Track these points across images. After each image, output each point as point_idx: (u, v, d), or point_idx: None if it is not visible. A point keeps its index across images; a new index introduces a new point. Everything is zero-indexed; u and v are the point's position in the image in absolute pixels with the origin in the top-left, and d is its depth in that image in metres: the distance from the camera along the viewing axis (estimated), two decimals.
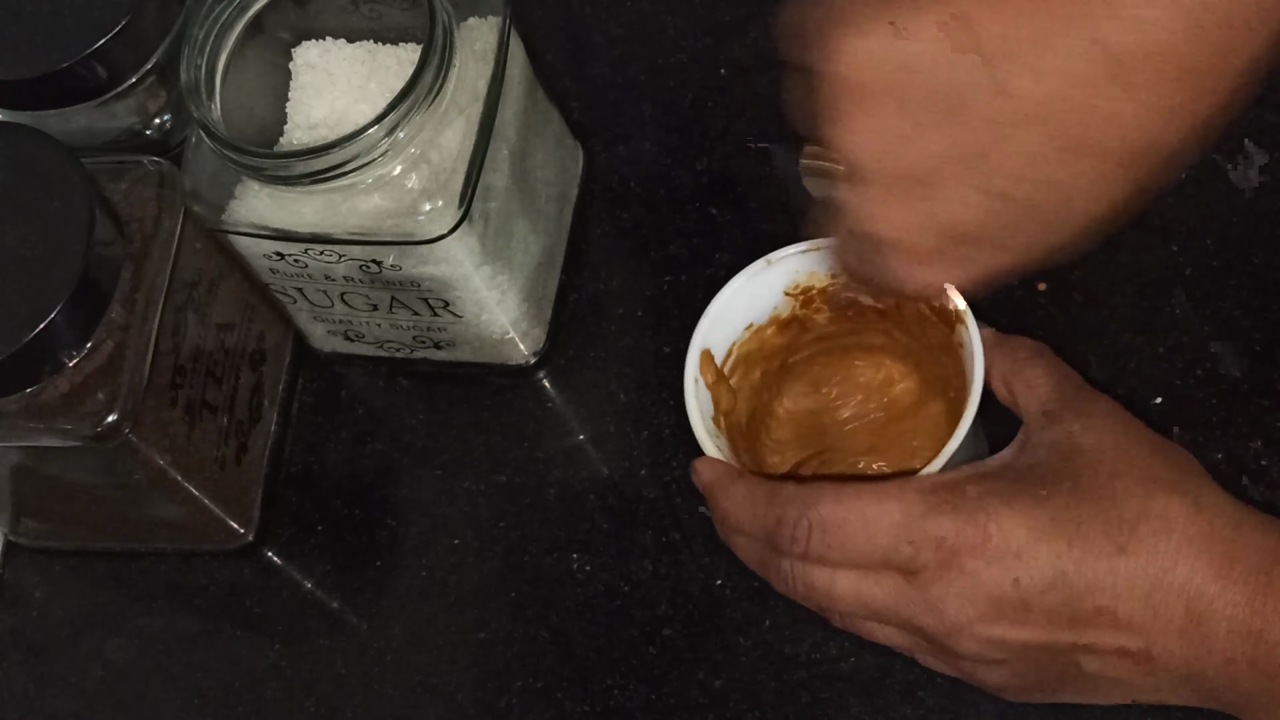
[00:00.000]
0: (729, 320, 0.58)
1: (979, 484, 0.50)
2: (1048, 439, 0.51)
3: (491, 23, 0.63)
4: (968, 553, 0.49)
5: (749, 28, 0.75)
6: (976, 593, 0.49)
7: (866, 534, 0.50)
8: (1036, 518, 0.49)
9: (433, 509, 0.69)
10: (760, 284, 0.58)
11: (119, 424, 0.61)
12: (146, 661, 0.69)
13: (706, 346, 0.57)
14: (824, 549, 0.51)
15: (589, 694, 0.64)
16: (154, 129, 0.68)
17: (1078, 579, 0.48)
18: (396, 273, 0.63)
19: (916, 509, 0.49)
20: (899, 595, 0.50)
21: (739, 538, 0.55)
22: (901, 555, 0.49)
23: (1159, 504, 0.49)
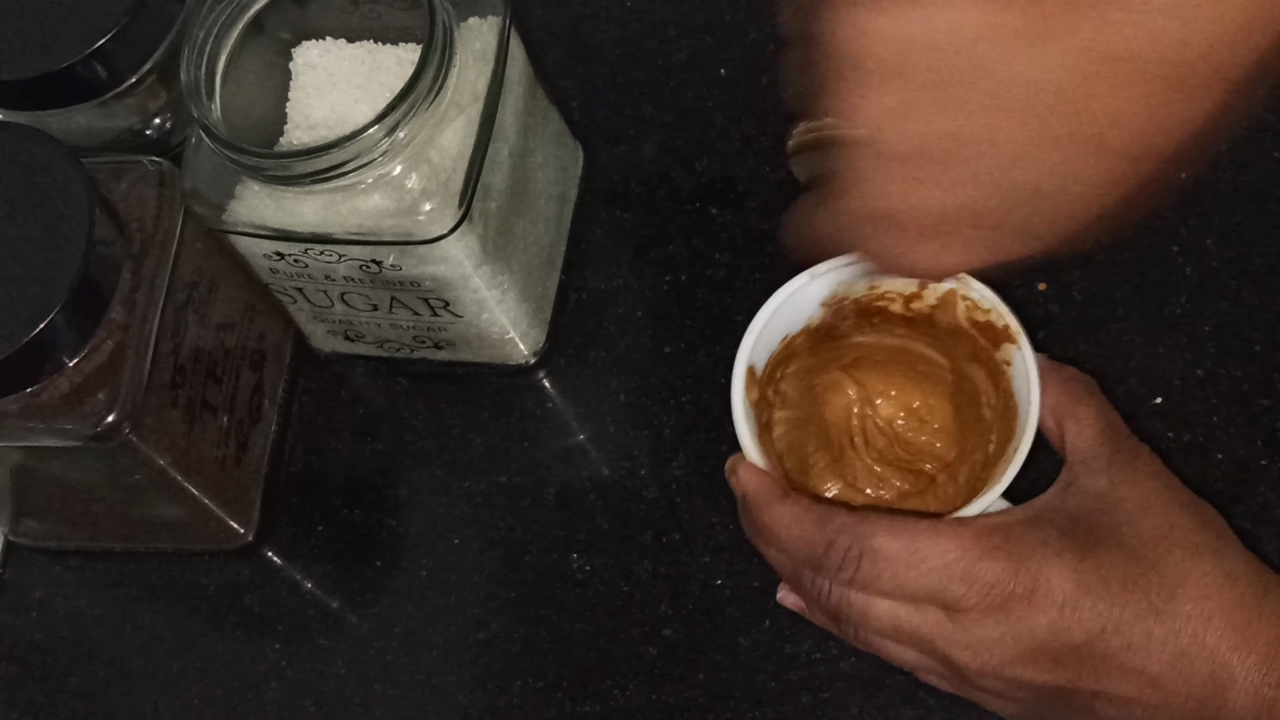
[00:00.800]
0: (770, 336, 0.57)
1: (1033, 530, 0.51)
2: (1093, 487, 0.52)
3: (491, 23, 0.63)
4: (1016, 600, 0.50)
5: (749, 28, 0.75)
6: (1017, 639, 0.50)
7: (919, 570, 0.51)
8: (1084, 573, 0.50)
9: (433, 509, 0.69)
10: (801, 297, 0.57)
11: (119, 424, 0.61)
12: (146, 661, 0.69)
13: (751, 364, 0.57)
14: (873, 579, 0.51)
15: (589, 694, 0.64)
16: (154, 129, 0.68)
17: (1115, 637, 0.50)
18: (396, 273, 0.63)
19: (972, 551, 0.50)
20: (938, 629, 0.51)
21: (770, 549, 0.55)
22: (950, 594, 0.50)
23: (1197, 569, 0.51)
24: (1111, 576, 0.50)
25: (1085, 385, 0.55)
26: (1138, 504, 0.52)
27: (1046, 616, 0.50)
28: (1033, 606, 0.50)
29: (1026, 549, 0.50)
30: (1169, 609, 0.50)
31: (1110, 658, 0.50)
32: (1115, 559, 0.50)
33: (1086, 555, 0.50)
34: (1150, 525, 0.51)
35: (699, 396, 0.68)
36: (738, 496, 0.56)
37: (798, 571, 0.54)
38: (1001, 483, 0.53)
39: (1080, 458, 0.53)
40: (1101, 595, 0.50)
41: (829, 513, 0.52)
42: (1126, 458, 0.53)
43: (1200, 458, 0.63)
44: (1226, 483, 0.62)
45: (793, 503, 0.53)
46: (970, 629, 0.51)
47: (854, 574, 0.51)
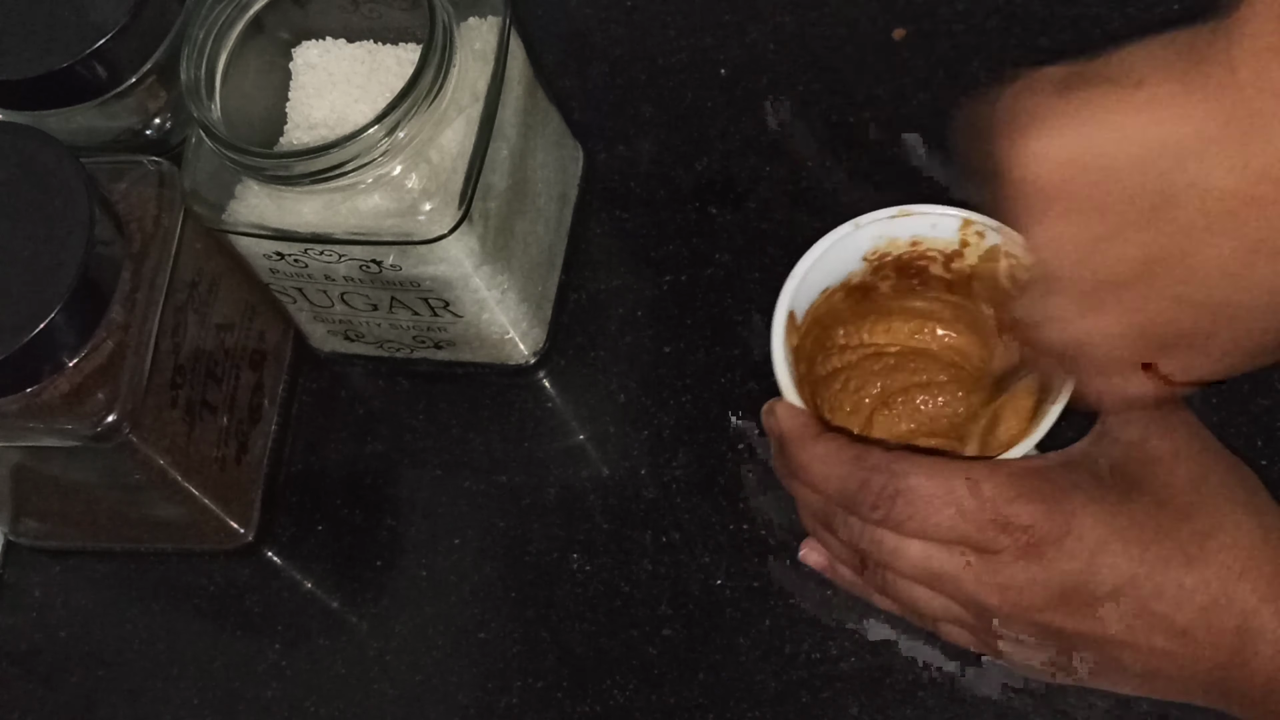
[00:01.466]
0: (812, 283, 0.57)
1: (1067, 475, 0.51)
2: (1127, 436, 0.52)
3: (491, 23, 0.63)
4: (1049, 543, 0.50)
5: (749, 28, 0.75)
6: (1049, 583, 0.50)
7: (953, 510, 0.50)
8: (1118, 518, 0.50)
9: (433, 509, 0.69)
10: (844, 247, 0.57)
11: (119, 424, 0.61)
12: (146, 661, 0.69)
13: (792, 308, 0.56)
14: (906, 518, 0.51)
15: (589, 694, 0.64)
16: (154, 129, 0.68)
17: (1146, 583, 0.49)
18: (396, 273, 0.63)
19: (1007, 492, 0.50)
20: (970, 571, 0.51)
21: (804, 489, 0.54)
22: (984, 536, 0.50)
23: (1230, 521, 0.50)
24: (1145, 523, 0.50)
25: None
26: (1171, 454, 0.51)
27: (1078, 561, 0.49)
28: (1064, 551, 0.49)
29: (1061, 492, 0.50)
30: (1200, 558, 0.49)
31: (1140, 606, 0.50)
32: (1149, 506, 0.50)
33: (1121, 502, 0.50)
34: (1184, 475, 0.51)
35: (699, 396, 0.68)
36: (773, 438, 0.55)
37: (829, 511, 0.54)
38: (1036, 433, 0.52)
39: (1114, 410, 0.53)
40: (1134, 541, 0.49)
41: (865, 451, 0.52)
42: (1161, 410, 0.52)
43: None
44: None
45: (828, 440, 0.53)
46: (1001, 571, 0.50)
47: (888, 513, 0.51)
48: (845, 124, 0.72)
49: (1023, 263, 0.55)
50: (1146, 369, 0.47)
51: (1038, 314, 0.48)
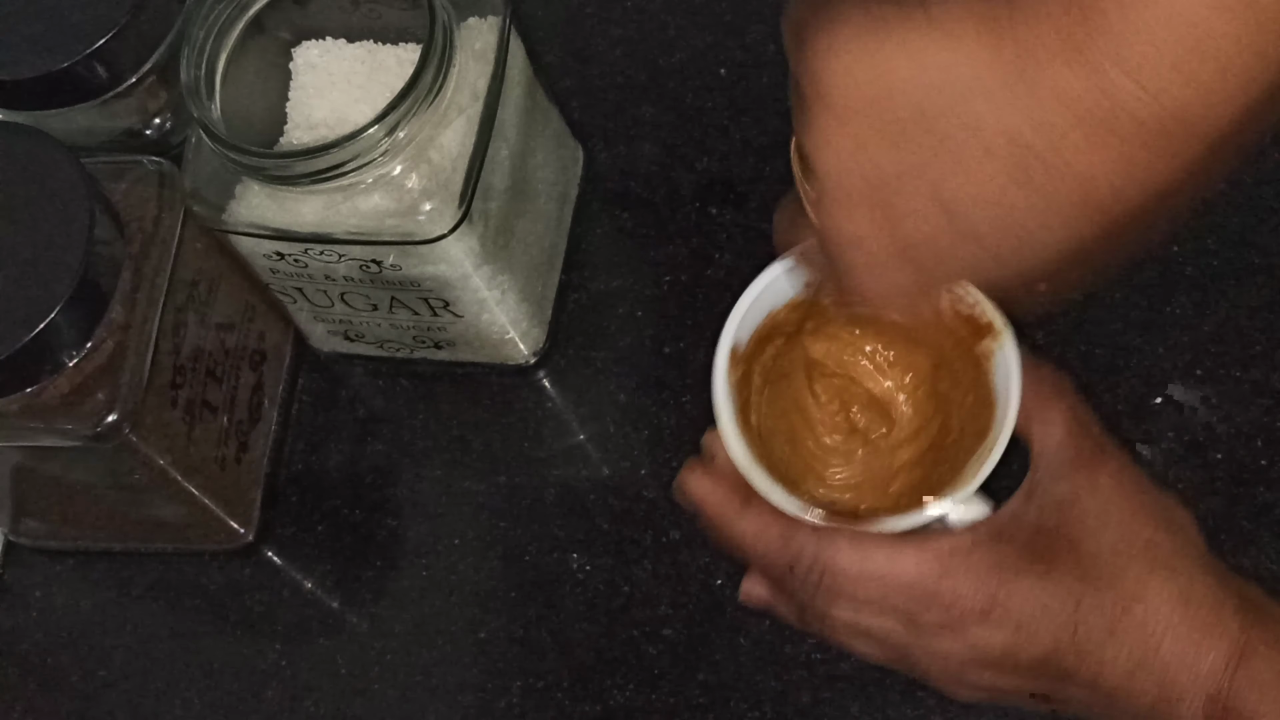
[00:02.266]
0: (754, 315, 0.57)
1: (992, 551, 0.52)
2: (1057, 494, 0.53)
3: (491, 23, 0.63)
4: (973, 618, 0.51)
5: (749, 28, 0.75)
6: (974, 652, 0.52)
7: (880, 588, 0.52)
8: (1040, 593, 0.51)
9: (433, 509, 0.69)
10: (786, 280, 0.57)
11: (119, 424, 0.61)
12: (146, 661, 0.69)
13: (735, 343, 0.57)
14: (834, 597, 0.53)
15: (589, 694, 0.64)
16: (154, 129, 0.68)
17: (1069, 654, 0.51)
18: (396, 273, 0.63)
19: (931, 572, 0.51)
20: (898, 635, 0.53)
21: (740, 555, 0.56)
22: (910, 610, 0.52)
23: (1153, 589, 0.51)
24: (1068, 596, 0.51)
25: (1055, 385, 0.55)
26: (1098, 514, 0.52)
27: (1003, 634, 0.51)
28: (990, 625, 0.51)
29: (986, 570, 0.51)
30: (1123, 625, 0.51)
31: (1066, 673, 0.51)
32: (1073, 575, 0.51)
33: (1046, 574, 0.51)
34: (1110, 538, 0.52)
35: (699, 396, 0.68)
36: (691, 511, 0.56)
37: (764, 571, 0.55)
38: (976, 479, 0.53)
39: (1045, 461, 0.54)
40: (1058, 614, 0.51)
41: (790, 530, 0.53)
42: (1092, 463, 0.53)
43: (1200, 458, 0.63)
44: (1226, 483, 0.62)
45: (754, 517, 0.54)
46: (928, 641, 0.52)
47: (816, 590, 0.52)
48: None
49: (965, 298, 0.55)
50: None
51: (812, 208, 0.49)
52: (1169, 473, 0.63)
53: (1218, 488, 0.62)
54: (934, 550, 0.51)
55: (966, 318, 0.56)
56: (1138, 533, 0.52)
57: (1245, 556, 0.61)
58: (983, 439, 0.54)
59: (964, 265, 0.48)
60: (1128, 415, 0.64)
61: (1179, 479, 0.62)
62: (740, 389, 0.57)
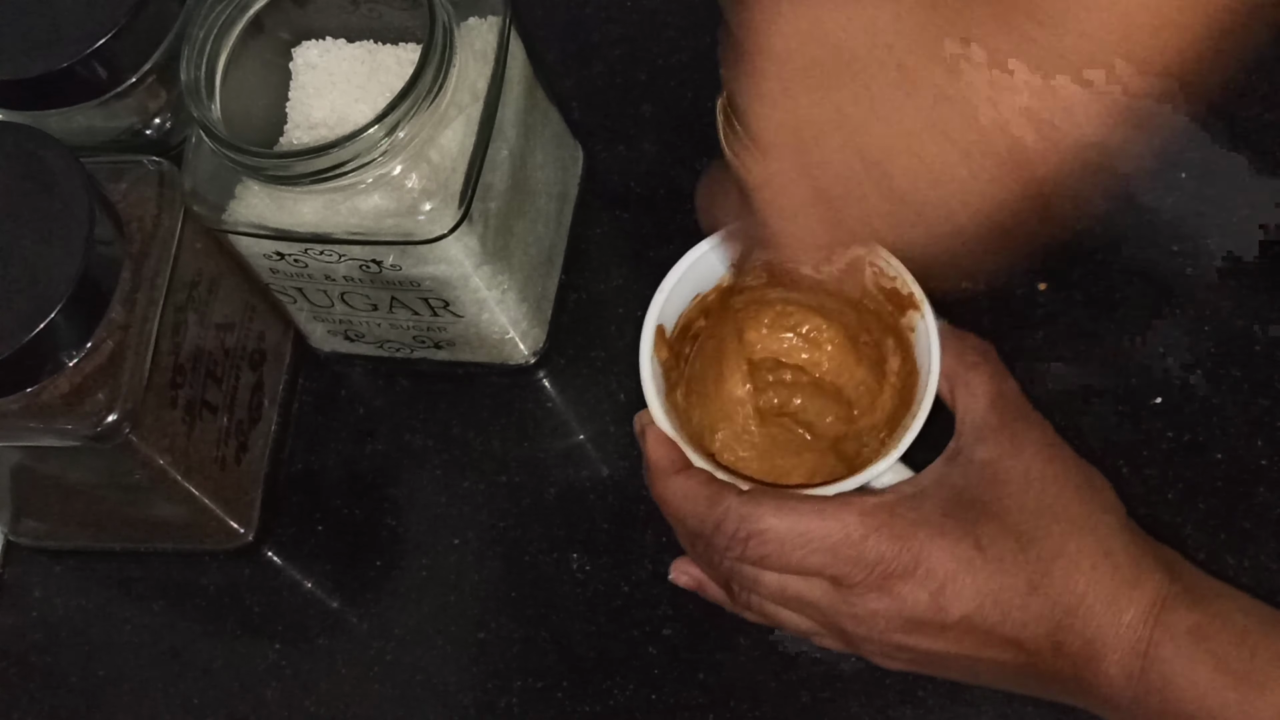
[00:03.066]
0: (680, 295, 0.58)
1: (916, 508, 0.53)
2: (979, 457, 0.54)
3: (491, 23, 0.63)
4: (898, 577, 0.52)
5: None
6: (901, 612, 0.52)
7: (804, 550, 0.52)
8: (963, 550, 0.52)
9: (433, 509, 0.69)
10: (713, 259, 0.58)
11: (119, 424, 0.61)
12: (146, 661, 0.69)
13: (660, 322, 0.58)
14: (759, 558, 0.53)
15: (589, 694, 0.64)
16: (154, 129, 0.68)
17: (993, 611, 0.52)
18: (396, 273, 0.63)
19: (855, 532, 0.52)
20: (824, 598, 0.53)
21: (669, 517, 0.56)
22: (834, 571, 0.52)
23: (1073, 546, 0.52)
24: (990, 553, 0.52)
25: (980, 352, 0.56)
26: (1021, 477, 0.53)
27: (927, 592, 0.52)
28: (914, 583, 0.52)
29: (909, 528, 0.52)
30: (1045, 584, 0.51)
31: (989, 630, 0.52)
32: (995, 534, 0.52)
33: (968, 532, 0.52)
34: (1033, 499, 0.53)
35: None
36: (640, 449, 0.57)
37: (692, 541, 0.56)
38: (898, 448, 0.54)
39: (969, 427, 0.55)
40: (980, 571, 0.51)
41: (719, 493, 0.54)
42: (1015, 428, 0.54)
43: (1200, 458, 0.63)
44: (1226, 483, 0.62)
45: (686, 478, 0.55)
46: (855, 602, 0.53)
47: (742, 553, 0.53)
48: None
49: (885, 271, 0.56)
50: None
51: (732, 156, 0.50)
52: (1169, 473, 0.63)
53: (1218, 488, 0.62)
54: (857, 509, 0.52)
55: (889, 291, 0.57)
56: (1059, 495, 0.53)
57: (1245, 556, 0.61)
58: (908, 410, 0.55)
59: (881, 219, 0.48)
60: (1128, 415, 0.64)
61: (1179, 479, 0.63)
62: (669, 370, 0.58)
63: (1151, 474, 0.63)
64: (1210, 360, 0.64)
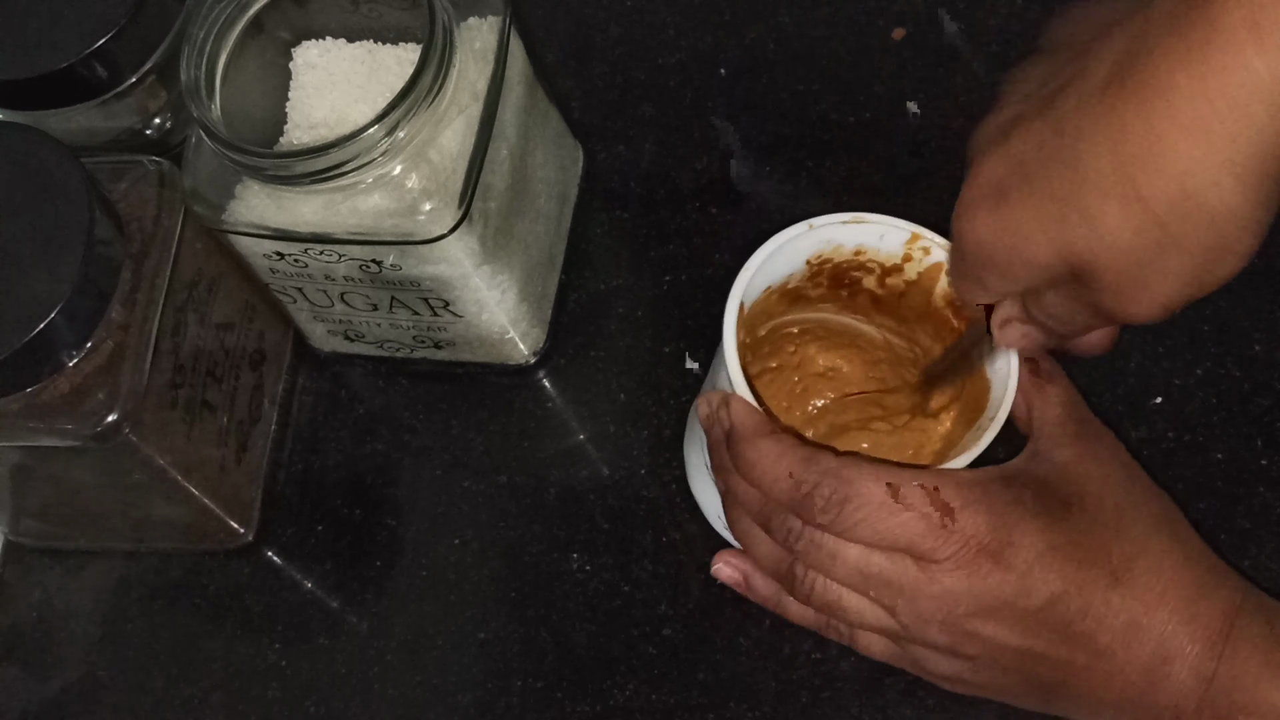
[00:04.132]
0: (760, 279, 0.57)
1: (1008, 488, 0.52)
2: (1059, 458, 0.54)
3: (491, 23, 0.63)
4: (989, 554, 0.51)
5: (749, 28, 0.75)
6: (984, 593, 0.51)
7: (900, 518, 0.51)
8: (1055, 534, 0.51)
9: (433, 509, 0.69)
10: (794, 247, 0.57)
11: (119, 424, 0.61)
12: (147, 661, 0.69)
13: (743, 300, 0.56)
14: (854, 523, 0.51)
15: (589, 694, 0.64)
16: (154, 129, 0.68)
17: (1075, 600, 0.51)
18: (396, 272, 0.63)
19: (954, 501, 0.51)
20: (907, 576, 0.52)
21: (743, 485, 0.55)
22: (929, 543, 0.51)
23: (1156, 545, 0.52)
24: (1080, 540, 0.51)
25: (1053, 366, 0.56)
26: (1101, 478, 0.53)
27: (1015, 573, 0.51)
28: (1002, 562, 0.51)
29: (1004, 504, 0.51)
30: (1127, 578, 0.51)
31: (1066, 622, 0.51)
32: (1084, 523, 0.52)
33: (1059, 517, 0.51)
34: (1113, 498, 0.53)
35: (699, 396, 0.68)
36: (718, 430, 0.55)
37: (767, 510, 0.54)
38: (976, 448, 0.53)
39: (1046, 431, 0.54)
40: (1069, 557, 0.51)
41: (816, 454, 0.52)
42: (1091, 436, 0.54)
43: (1200, 458, 0.63)
44: (1226, 483, 0.62)
45: (780, 439, 0.53)
46: (939, 579, 0.51)
47: (836, 516, 0.51)
48: (845, 124, 0.72)
49: None
50: None
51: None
52: (1169, 473, 0.63)
53: (1218, 488, 0.62)
54: (955, 481, 0.51)
55: (958, 305, 0.57)
56: (1139, 498, 0.53)
57: (1245, 556, 0.61)
58: (975, 420, 0.55)
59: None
60: (1128, 415, 0.64)
61: (1179, 479, 0.62)
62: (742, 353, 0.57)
63: (1151, 474, 0.63)
64: (1210, 360, 0.64)
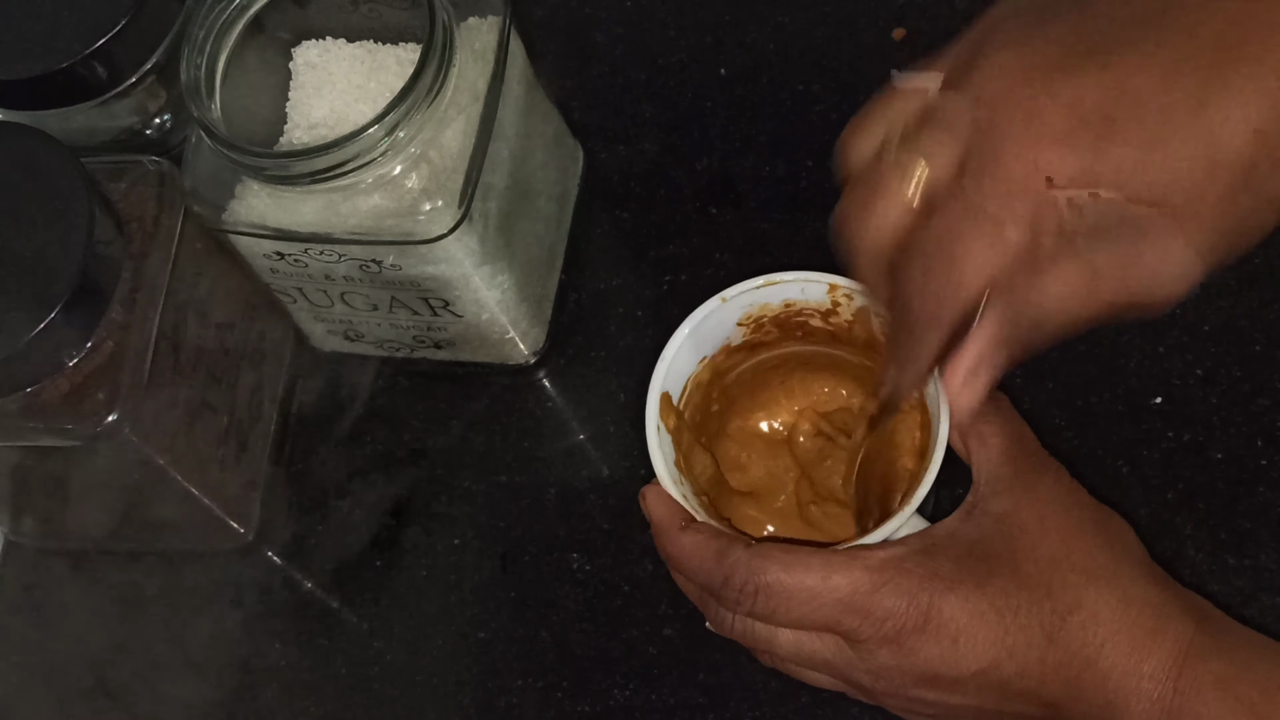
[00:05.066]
0: (685, 359, 0.58)
1: (926, 563, 0.51)
2: (995, 510, 0.53)
3: (491, 23, 0.63)
4: (909, 632, 0.51)
5: (749, 28, 0.75)
6: (915, 667, 0.51)
7: (812, 605, 0.51)
8: (977, 603, 0.51)
9: (433, 509, 0.69)
10: (715, 319, 0.58)
11: (119, 424, 0.61)
12: (146, 661, 0.69)
13: (665, 390, 0.57)
14: (768, 613, 0.52)
15: (589, 694, 0.64)
16: (154, 129, 0.68)
17: (1009, 664, 0.51)
18: (396, 272, 0.63)
19: (863, 586, 0.51)
20: (839, 655, 0.52)
21: (680, 576, 0.56)
22: (845, 626, 0.51)
23: (1090, 596, 0.51)
24: (1005, 606, 0.50)
25: (991, 404, 0.54)
26: (1037, 528, 0.52)
27: (939, 647, 0.50)
28: (926, 638, 0.50)
29: (919, 582, 0.51)
30: (1062, 635, 0.50)
31: (1006, 683, 0.51)
32: (1009, 586, 0.51)
33: (981, 585, 0.51)
34: (1047, 550, 0.52)
35: None
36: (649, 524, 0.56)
37: (703, 600, 0.55)
38: (911, 503, 0.53)
39: (984, 478, 0.53)
40: (995, 625, 0.50)
41: (726, 546, 0.53)
42: (1029, 479, 0.53)
43: (1200, 458, 0.63)
44: (1226, 483, 0.62)
45: (693, 533, 0.54)
46: (868, 657, 0.52)
47: (752, 607, 0.52)
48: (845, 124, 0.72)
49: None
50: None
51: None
52: (1169, 473, 0.63)
53: (1218, 488, 0.62)
54: (864, 563, 0.51)
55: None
56: (1075, 544, 0.52)
57: (1245, 556, 0.61)
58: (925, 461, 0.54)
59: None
60: (1128, 415, 0.64)
61: (1179, 479, 0.63)
62: (679, 434, 0.58)
63: (1151, 474, 0.63)
64: (1210, 360, 0.64)
